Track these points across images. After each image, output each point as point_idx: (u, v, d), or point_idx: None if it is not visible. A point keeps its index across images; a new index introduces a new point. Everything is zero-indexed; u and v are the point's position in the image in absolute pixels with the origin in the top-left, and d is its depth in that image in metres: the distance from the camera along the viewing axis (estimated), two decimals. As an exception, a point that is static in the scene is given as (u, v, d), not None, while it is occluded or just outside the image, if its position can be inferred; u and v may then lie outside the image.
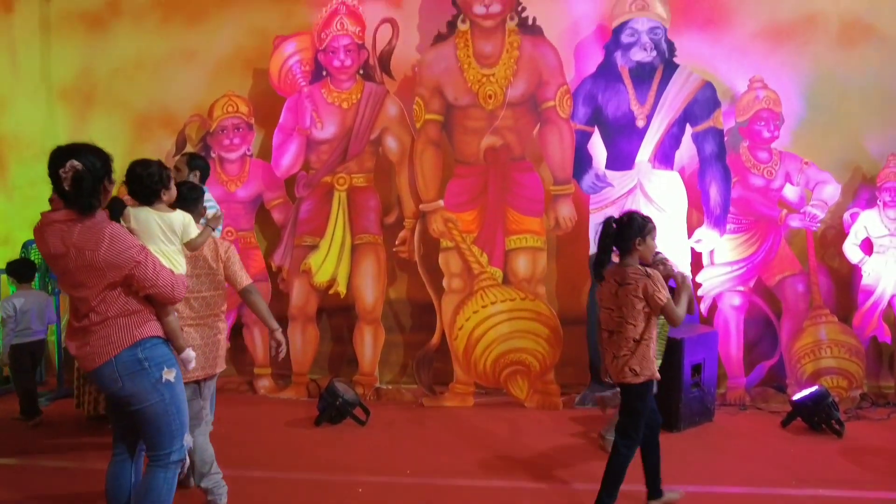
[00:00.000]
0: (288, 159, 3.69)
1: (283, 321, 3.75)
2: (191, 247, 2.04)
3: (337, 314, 3.89)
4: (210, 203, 2.43)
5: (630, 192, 3.53)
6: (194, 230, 2.03)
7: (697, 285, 3.58)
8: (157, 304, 1.84)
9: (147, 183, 1.91)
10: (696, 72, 3.58)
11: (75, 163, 1.66)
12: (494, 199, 3.53)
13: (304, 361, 3.76)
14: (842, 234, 3.63)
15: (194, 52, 4.00)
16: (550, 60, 3.53)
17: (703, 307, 3.58)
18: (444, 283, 3.56)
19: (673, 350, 2.97)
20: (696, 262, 3.60)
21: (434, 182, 3.56)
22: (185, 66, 4.00)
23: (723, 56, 3.73)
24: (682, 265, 3.50)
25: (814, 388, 3.14)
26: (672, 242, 3.48)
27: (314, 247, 3.65)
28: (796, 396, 3.17)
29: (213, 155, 3.72)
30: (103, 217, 1.73)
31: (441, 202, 3.53)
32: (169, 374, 1.81)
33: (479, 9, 3.50)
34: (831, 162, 3.65)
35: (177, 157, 2.86)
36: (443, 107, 3.58)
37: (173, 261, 1.92)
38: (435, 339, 3.61)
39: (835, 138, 3.69)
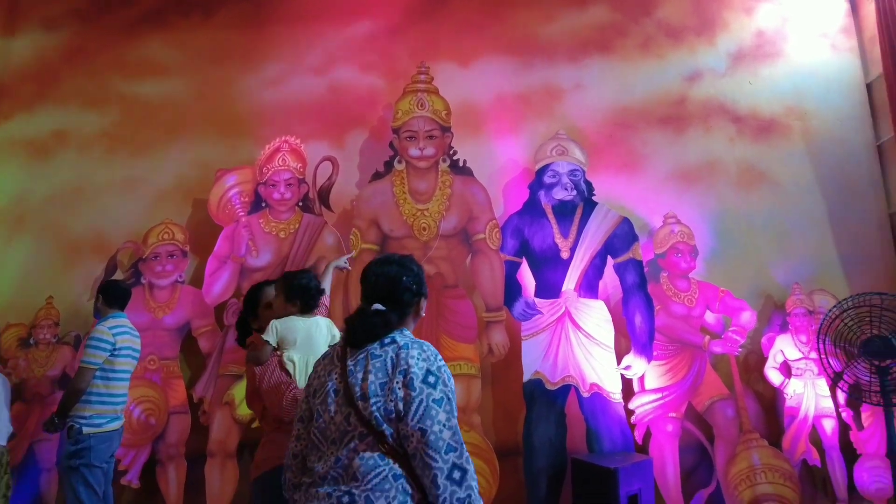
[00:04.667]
0: (219, 287, 3.67)
1: (202, 457, 3.50)
2: None
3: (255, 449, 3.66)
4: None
5: (559, 319, 3.64)
6: None
7: (630, 412, 3.60)
8: None
9: None
10: (614, 209, 3.90)
11: None
12: (428, 326, 3.57)
13: (221, 502, 3.45)
14: (762, 359, 3.79)
15: (136, 182, 4.11)
16: (480, 198, 3.80)
17: (638, 434, 3.56)
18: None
19: (606, 480, 2.91)
20: (628, 388, 3.65)
21: (368, 310, 3.59)
22: (125, 194, 4.08)
23: (638, 195, 4.09)
24: (615, 392, 3.55)
25: (753, 518, 3.09)
26: (603, 368, 3.56)
27: (239, 376, 3.53)
28: (737, 527, 3.10)
29: (143, 281, 3.69)
30: None
31: (374, 330, 3.54)
32: None
33: (414, 152, 3.80)
34: (744, 290, 3.91)
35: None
36: (379, 237, 3.73)
37: None
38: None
39: (745, 269, 3.99)
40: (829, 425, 3.62)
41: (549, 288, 3.71)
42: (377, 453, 1.42)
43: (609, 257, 3.78)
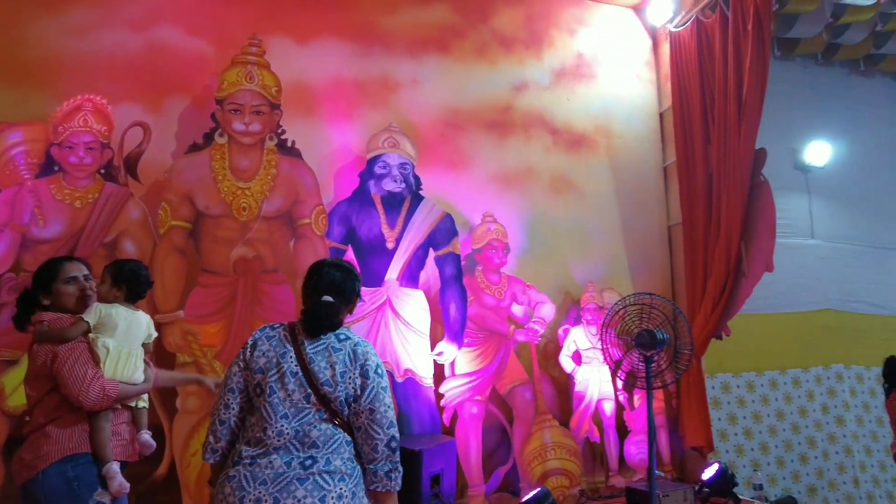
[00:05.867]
0: (-7, 258, 3.19)
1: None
2: None
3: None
4: None
5: (380, 307, 3.72)
6: None
7: (441, 396, 3.81)
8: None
9: None
10: (440, 204, 4.07)
11: None
12: (243, 312, 3.43)
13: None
14: (559, 348, 4.23)
15: None
16: (307, 181, 3.72)
17: (446, 417, 3.78)
18: (178, 402, 3.25)
19: (412, 462, 3.05)
20: (439, 373, 3.86)
21: (175, 291, 3.35)
22: None
23: (462, 193, 4.31)
24: (427, 377, 3.73)
25: (537, 490, 3.45)
26: (417, 354, 3.72)
27: (13, 362, 3.09)
28: (524, 499, 3.43)
29: None
30: None
31: (181, 313, 3.32)
32: (103, 497, 1.84)
33: (238, 126, 3.61)
34: (547, 286, 4.32)
35: None
36: (192, 214, 3.49)
37: None
38: (162, 468, 3.20)
39: (549, 267, 4.42)
40: (608, 407, 4.16)
41: (372, 276, 3.78)
42: (331, 425, 1.76)
43: (431, 249, 3.95)
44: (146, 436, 2.31)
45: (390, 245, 3.83)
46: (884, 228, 5.55)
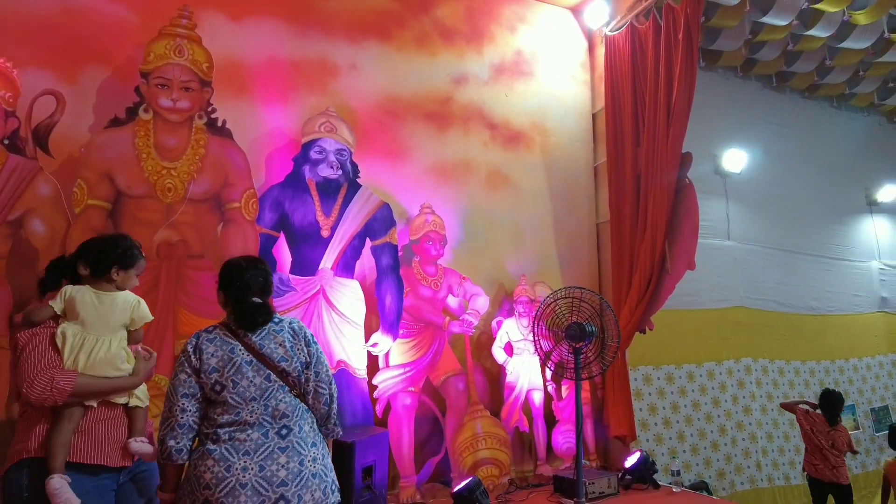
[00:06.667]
0: None
1: None
2: None
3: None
4: None
5: (313, 297, 3.62)
6: None
7: (374, 387, 3.76)
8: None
9: None
10: (377, 193, 4.01)
11: None
12: (165, 298, 3.24)
13: None
14: (491, 339, 4.28)
15: None
16: (238, 163, 3.56)
17: (379, 408, 3.74)
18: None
19: (344, 453, 2.99)
20: (373, 364, 3.80)
21: (90, 274, 3.11)
22: None
23: (400, 183, 4.27)
24: (360, 368, 3.67)
25: (468, 480, 3.47)
26: (351, 346, 3.65)
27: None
28: (455, 489, 3.45)
29: None
30: None
31: (97, 298, 3.09)
32: None
33: (165, 102, 3.39)
34: (482, 278, 4.36)
35: None
36: (111, 194, 3.25)
37: None
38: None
39: (484, 259, 4.46)
40: (537, 397, 4.25)
41: (306, 265, 3.67)
42: (291, 396, 2.04)
43: (368, 239, 3.88)
44: (137, 444, 2.04)
45: (325, 233, 3.73)
46: (790, 233, 5.99)
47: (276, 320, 2.12)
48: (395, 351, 3.84)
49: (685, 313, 5.15)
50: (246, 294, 2.05)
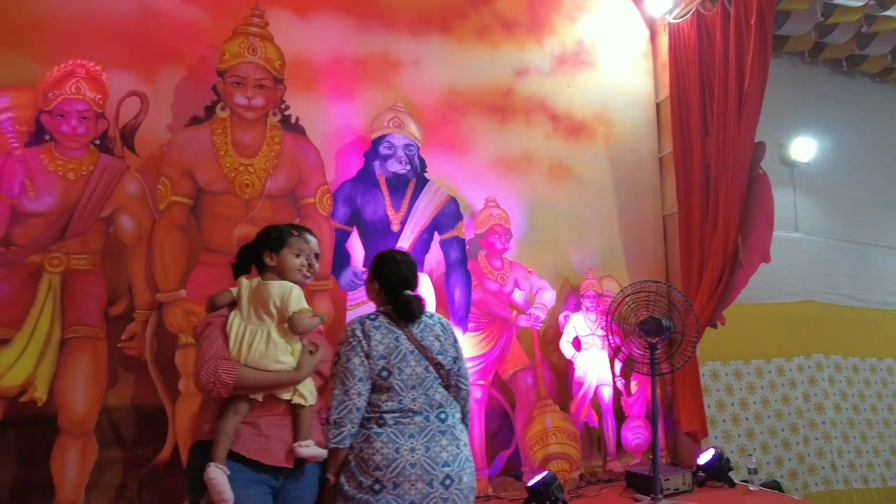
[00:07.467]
0: (-22, 231, 2.98)
1: None
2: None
3: (28, 428, 3.08)
4: None
5: (385, 290, 3.64)
6: None
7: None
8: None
9: None
10: (444, 187, 4.01)
11: None
12: (246, 292, 3.31)
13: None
14: (558, 334, 4.24)
15: None
16: (312, 160, 3.61)
17: (450, 402, 3.75)
18: (181, 384, 3.12)
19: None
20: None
21: (176, 270, 3.21)
22: None
23: (464, 176, 4.25)
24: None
25: (543, 474, 3.45)
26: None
27: (6, 341, 2.91)
28: (530, 483, 3.43)
29: None
30: None
31: (183, 292, 3.18)
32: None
33: (240, 99, 3.46)
34: (547, 272, 4.32)
35: None
36: (193, 190, 3.34)
37: None
38: (165, 452, 3.08)
39: (549, 253, 4.41)
40: (606, 393, 4.19)
41: (376, 259, 3.69)
42: (444, 387, 2.22)
43: (436, 233, 3.89)
44: (306, 449, 1.92)
45: (395, 227, 3.76)
46: (862, 224, 5.74)
47: (429, 314, 2.29)
48: (465, 344, 3.82)
49: (751, 307, 4.98)
50: (401, 286, 2.22)
